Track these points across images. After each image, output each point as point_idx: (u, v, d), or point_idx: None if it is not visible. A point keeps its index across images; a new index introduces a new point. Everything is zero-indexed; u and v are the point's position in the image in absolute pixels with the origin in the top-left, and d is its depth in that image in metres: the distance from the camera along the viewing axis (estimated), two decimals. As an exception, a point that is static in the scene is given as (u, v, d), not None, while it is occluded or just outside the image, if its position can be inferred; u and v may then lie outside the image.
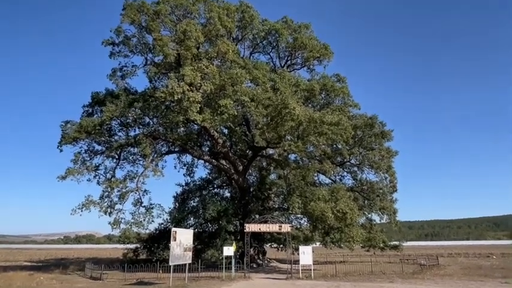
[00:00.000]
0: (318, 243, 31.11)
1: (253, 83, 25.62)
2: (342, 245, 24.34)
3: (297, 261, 20.74)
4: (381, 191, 32.97)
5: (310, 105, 29.90)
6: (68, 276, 23.47)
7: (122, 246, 31.29)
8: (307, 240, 23.51)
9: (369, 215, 33.62)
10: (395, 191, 32.39)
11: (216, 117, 23.20)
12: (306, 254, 19.31)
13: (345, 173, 34.81)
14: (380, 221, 33.03)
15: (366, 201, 33.04)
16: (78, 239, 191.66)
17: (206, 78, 23.13)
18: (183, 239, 16.77)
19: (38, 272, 24.66)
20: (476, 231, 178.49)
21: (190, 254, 17.68)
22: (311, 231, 25.14)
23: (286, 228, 20.42)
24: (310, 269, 19.44)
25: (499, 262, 29.94)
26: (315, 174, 31.06)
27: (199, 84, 22.73)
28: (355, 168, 34.22)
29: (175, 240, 16.11)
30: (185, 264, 17.43)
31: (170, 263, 15.89)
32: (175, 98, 20.45)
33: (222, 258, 19.61)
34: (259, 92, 23.96)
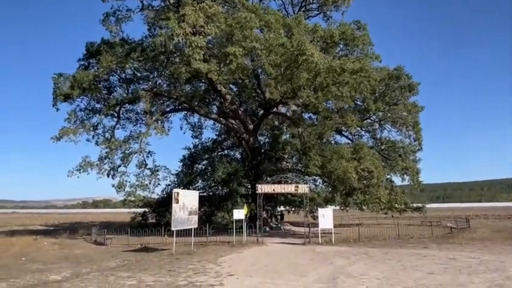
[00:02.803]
0: (331, 205, 29.33)
1: (264, 30, 22.55)
2: (365, 207, 22.23)
3: (314, 224, 18.87)
4: (403, 150, 30.41)
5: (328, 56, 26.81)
6: (74, 241, 22.37)
7: (137, 210, 30.16)
8: (327, 202, 21.39)
9: (389, 176, 31.43)
10: (420, 149, 29.71)
11: (223, 68, 20.57)
12: (325, 217, 17.30)
13: (363, 132, 32.18)
14: (402, 182, 30.75)
15: (386, 162, 30.64)
16: (95, 204, 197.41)
17: (210, 21, 20.21)
18: (186, 201, 14.81)
19: (45, 237, 23.74)
20: (488, 194, 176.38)
21: (195, 217, 15.81)
22: (330, 192, 22.97)
23: (303, 189, 18.28)
24: (330, 233, 17.53)
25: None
26: (332, 133, 28.56)
27: (202, 29, 19.89)
28: (376, 126, 31.53)
29: (177, 202, 14.16)
30: (192, 229, 15.68)
31: (173, 228, 14.07)
32: (176, 41, 17.74)
33: (233, 221, 17.80)
34: (271, 38, 20.94)
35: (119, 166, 25.11)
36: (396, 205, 28.19)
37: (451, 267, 10.20)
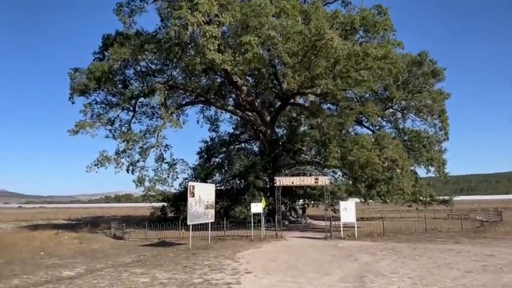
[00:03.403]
0: (352, 198, 28.35)
1: (281, 17, 21.70)
2: (389, 199, 21.18)
3: (335, 218, 18.10)
4: (428, 140, 28.98)
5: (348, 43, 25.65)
6: (94, 235, 22.47)
7: (156, 204, 30.22)
8: (349, 194, 20.47)
9: (413, 168, 30.09)
10: (447, 139, 28.22)
11: (238, 58, 19.92)
12: (348, 211, 16.48)
13: (384, 123, 30.88)
14: (427, 173, 29.38)
15: (410, 153, 29.32)
16: (117, 198, 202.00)
17: (224, 10, 19.55)
18: (202, 194, 14.32)
19: (66, 231, 24.00)
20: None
21: (212, 212, 15.33)
22: (352, 184, 22.03)
23: (323, 181, 17.48)
24: (353, 227, 16.73)
25: None
26: (353, 124, 27.47)
27: (216, 18, 19.27)
28: (398, 116, 30.22)
29: (193, 196, 13.70)
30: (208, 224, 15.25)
31: (188, 222, 13.63)
32: (190, 31, 17.20)
33: (251, 215, 17.25)
34: (288, 25, 20.09)
35: (137, 161, 25.06)
36: (421, 198, 26.99)
37: (491, 264, 9.29)
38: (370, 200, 29.16)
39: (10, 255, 13.40)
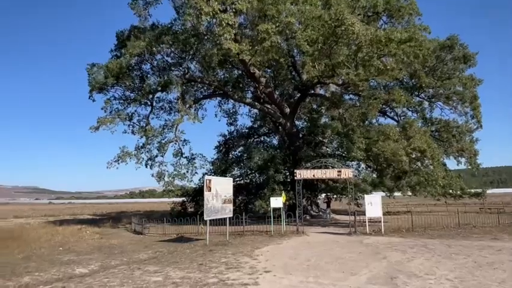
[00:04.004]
0: (377, 192, 27.13)
1: (299, 2, 20.75)
2: (421, 191, 19.93)
3: (359, 212, 17.19)
4: (458, 129, 27.29)
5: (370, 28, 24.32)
6: (116, 230, 22.60)
7: (177, 199, 30.20)
8: (374, 187, 19.41)
9: (442, 159, 28.47)
10: (480, 127, 26.45)
11: (256, 47, 19.21)
12: (373, 205, 15.52)
13: (409, 113, 29.31)
14: (457, 165, 27.77)
15: (438, 143, 27.74)
16: (142, 194, 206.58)
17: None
18: (220, 189, 13.78)
19: (90, 226, 24.31)
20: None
21: (230, 206, 14.78)
22: (377, 177, 20.92)
23: (347, 173, 16.55)
24: (379, 222, 15.78)
25: None
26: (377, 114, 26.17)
27: (233, 5, 18.58)
28: (425, 105, 28.63)
29: (209, 190, 13.16)
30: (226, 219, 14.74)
31: (205, 218, 13.13)
32: (204, 20, 16.63)
33: (270, 210, 16.61)
34: (307, 10, 19.15)
35: (156, 156, 24.96)
36: (451, 191, 25.50)
37: (540, 264, 8.24)
38: (396, 194, 27.90)
39: (30, 250, 13.40)
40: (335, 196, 30.13)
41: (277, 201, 16.44)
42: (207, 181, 13.29)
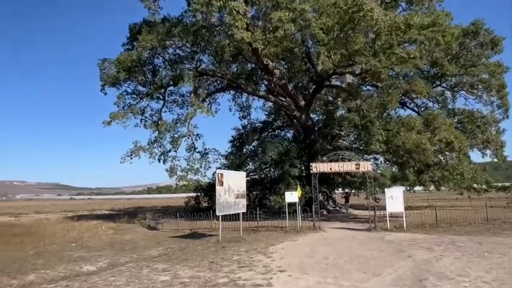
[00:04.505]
0: (395, 186, 26.04)
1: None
2: (445, 186, 18.91)
3: (378, 207, 16.38)
4: (483, 120, 25.90)
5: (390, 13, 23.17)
6: (131, 225, 22.54)
7: (191, 194, 30.01)
8: (395, 181, 18.47)
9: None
10: (506, 117, 25.02)
11: (268, 36, 18.54)
12: (394, 199, 14.72)
13: (430, 104, 28.00)
14: (483, 157, 26.41)
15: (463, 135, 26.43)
16: (159, 190, 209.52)
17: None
18: (232, 183, 13.26)
19: (106, 221, 24.43)
20: None
21: (243, 201, 14.24)
22: (398, 170, 19.95)
23: (365, 166, 15.74)
24: (400, 217, 14.95)
25: None
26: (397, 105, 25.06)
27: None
28: (447, 95, 27.31)
29: (221, 184, 12.67)
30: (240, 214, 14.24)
31: (218, 213, 12.65)
32: (215, 7, 16.07)
33: (285, 205, 16.01)
34: (322, -4, 18.32)
35: (169, 151, 24.72)
36: (475, 185, 24.28)
37: None
38: (416, 188, 26.81)
39: (42, 246, 13.30)
40: (353, 191, 29.27)
41: (292, 196, 15.83)
42: (219, 175, 12.80)
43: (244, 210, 14.36)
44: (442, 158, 18.61)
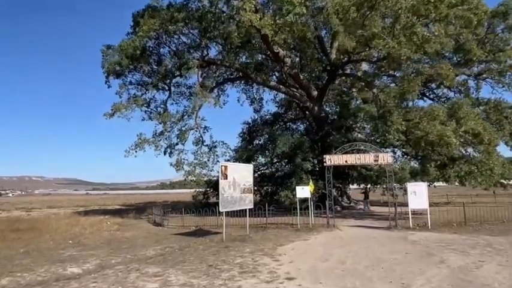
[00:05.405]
0: (415, 181, 24.38)
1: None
2: (472, 182, 17.24)
3: (399, 204, 14.97)
4: (511, 110, 23.93)
5: None
6: (136, 221, 21.84)
7: (200, 189, 29.01)
8: (415, 175, 16.94)
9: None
10: (535, 106, 23.02)
11: (278, 21, 17.24)
12: (417, 195, 13.31)
13: (451, 94, 26.10)
14: (511, 150, 24.45)
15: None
16: (172, 185, 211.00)
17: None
18: (238, 176, 12.08)
19: (113, 216, 23.91)
20: None
21: (250, 196, 13.06)
22: (420, 164, 18.37)
23: (385, 158, 14.31)
24: (424, 215, 13.54)
25: None
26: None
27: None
28: (471, 83, 25.38)
29: (226, 178, 11.51)
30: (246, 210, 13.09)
31: (221, 209, 11.52)
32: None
33: (297, 201, 14.77)
34: (337, -26, 16.87)
35: (176, 144, 23.75)
36: (503, 180, 22.46)
37: None
38: (437, 183, 25.09)
39: (36, 243, 12.52)
40: (369, 186, 27.72)
41: (303, 191, 14.58)
42: (223, 168, 11.64)
43: (251, 206, 13.19)
44: (468, 151, 16.95)
